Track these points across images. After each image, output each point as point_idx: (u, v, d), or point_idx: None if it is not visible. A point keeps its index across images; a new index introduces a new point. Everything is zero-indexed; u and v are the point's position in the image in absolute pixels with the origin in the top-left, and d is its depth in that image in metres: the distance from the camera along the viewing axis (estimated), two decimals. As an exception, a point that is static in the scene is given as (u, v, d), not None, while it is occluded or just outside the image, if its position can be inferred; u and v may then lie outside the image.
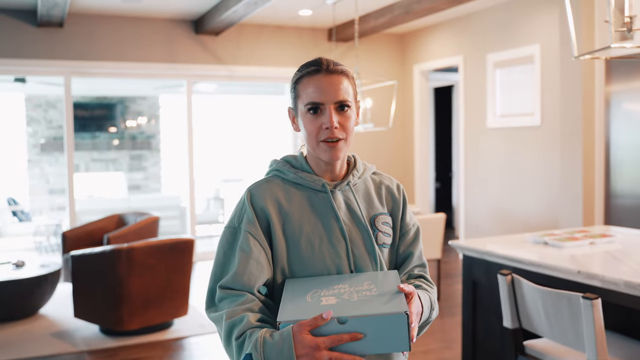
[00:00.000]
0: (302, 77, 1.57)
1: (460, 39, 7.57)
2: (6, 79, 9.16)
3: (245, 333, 1.43)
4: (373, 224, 1.64)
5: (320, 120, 1.54)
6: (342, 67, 1.58)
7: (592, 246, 3.24)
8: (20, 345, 4.76)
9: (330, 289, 1.48)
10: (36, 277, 5.37)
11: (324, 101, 1.53)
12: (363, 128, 6.37)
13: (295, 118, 1.62)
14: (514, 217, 6.77)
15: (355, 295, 1.44)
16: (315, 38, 8.20)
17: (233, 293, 1.51)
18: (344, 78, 1.56)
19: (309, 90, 1.54)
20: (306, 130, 1.56)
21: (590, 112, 5.27)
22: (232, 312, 1.47)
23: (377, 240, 1.63)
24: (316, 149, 1.57)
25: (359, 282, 1.51)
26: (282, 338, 1.36)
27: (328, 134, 1.53)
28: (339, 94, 1.54)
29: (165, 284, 4.92)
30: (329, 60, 1.57)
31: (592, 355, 2.26)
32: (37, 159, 11.94)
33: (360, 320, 1.35)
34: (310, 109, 1.54)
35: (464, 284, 3.48)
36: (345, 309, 1.38)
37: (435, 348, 4.62)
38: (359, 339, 1.35)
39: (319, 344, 1.34)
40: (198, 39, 7.60)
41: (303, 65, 1.59)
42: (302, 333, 1.34)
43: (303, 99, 1.55)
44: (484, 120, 7.19)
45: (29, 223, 10.13)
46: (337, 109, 1.55)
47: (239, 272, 1.52)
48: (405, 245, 1.70)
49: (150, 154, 12.82)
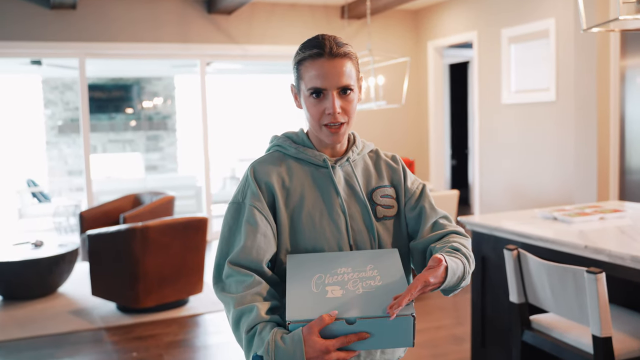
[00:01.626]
0: (304, 59, 1.55)
1: (474, 14, 7.49)
2: (23, 62, 9.23)
3: (255, 327, 1.44)
4: (371, 198, 1.65)
5: (323, 105, 1.54)
6: (345, 48, 1.56)
7: (601, 221, 3.23)
8: (39, 322, 4.86)
9: (334, 273, 1.50)
10: (54, 257, 5.47)
11: (327, 87, 1.53)
12: (376, 105, 6.35)
13: (298, 96, 1.62)
14: (529, 194, 6.74)
15: (360, 286, 1.46)
16: (328, 15, 8.16)
17: (241, 271, 1.51)
18: (347, 61, 1.55)
19: (311, 74, 1.54)
20: (309, 113, 1.57)
21: (605, 87, 5.21)
22: (241, 298, 1.48)
23: (377, 214, 1.63)
24: (319, 132, 1.59)
25: (361, 265, 1.52)
26: (293, 343, 1.37)
27: (330, 119, 1.54)
28: (341, 80, 1.53)
29: (180, 262, 4.98)
30: (331, 42, 1.54)
31: (596, 329, 2.27)
32: (55, 141, 12.06)
33: (368, 321, 1.38)
34: (313, 93, 1.55)
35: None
36: (352, 307, 1.41)
37: (447, 324, 4.65)
38: (366, 338, 1.39)
39: (328, 347, 1.37)
40: (211, 18, 7.60)
41: (305, 45, 1.57)
42: (312, 336, 1.36)
43: (306, 82, 1.55)
44: (499, 96, 7.14)
45: (48, 204, 10.26)
46: (340, 93, 1.55)
47: (247, 246, 1.53)
48: (413, 204, 1.68)
49: (167, 135, 12.89)
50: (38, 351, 4.32)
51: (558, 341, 2.55)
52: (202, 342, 4.50)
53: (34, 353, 4.28)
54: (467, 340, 4.22)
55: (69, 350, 4.33)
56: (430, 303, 5.16)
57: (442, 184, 8.72)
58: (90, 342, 4.48)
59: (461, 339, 4.31)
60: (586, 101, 5.26)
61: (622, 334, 2.46)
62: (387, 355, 1.59)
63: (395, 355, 1.62)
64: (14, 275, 5.35)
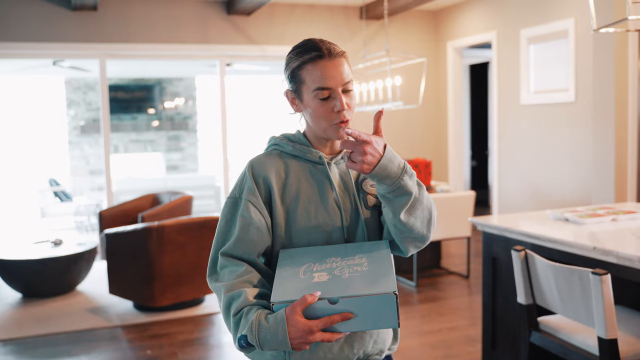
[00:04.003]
0: (304, 63, 1.59)
1: (494, 14, 7.45)
2: (46, 63, 9.37)
3: (242, 310, 1.49)
4: (361, 188, 1.68)
5: (331, 105, 1.58)
6: (340, 48, 1.62)
7: (613, 223, 3.20)
8: (57, 320, 4.93)
9: (323, 262, 1.52)
10: (73, 255, 5.55)
11: (333, 86, 1.58)
12: (393, 106, 6.34)
13: (296, 100, 1.66)
14: (548, 194, 6.68)
15: (347, 271, 1.48)
16: (347, 16, 8.17)
17: (234, 262, 1.57)
18: (344, 59, 1.61)
19: (315, 76, 1.58)
20: (315, 114, 1.61)
21: (624, 87, 5.15)
22: (232, 285, 1.54)
23: (367, 203, 1.67)
24: (326, 130, 1.62)
25: (351, 254, 1.55)
26: (276, 322, 1.41)
27: (340, 117, 1.59)
28: (344, 78, 1.59)
29: (196, 261, 5.02)
30: (326, 44, 1.60)
31: (601, 331, 2.25)
32: (78, 141, 12.21)
33: (350, 300, 1.39)
34: (320, 95, 1.58)
35: (484, 260, 3.48)
36: (336, 288, 1.42)
37: (461, 325, 4.63)
38: (350, 318, 1.40)
39: (312, 328, 1.39)
40: (230, 19, 7.65)
41: (300, 50, 1.61)
42: (295, 316, 1.39)
43: (309, 85, 1.59)
44: (518, 96, 7.09)
45: (70, 203, 10.40)
46: (344, 91, 1.60)
47: (240, 238, 1.58)
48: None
49: (187, 135, 12.98)
50: (55, 348, 4.38)
51: (565, 343, 2.54)
52: (216, 340, 4.53)
53: (51, 350, 4.35)
54: (480, 341, 4.20)
55: (85, 347, 4.39)
56: (444, 304, 5.14)
57: (462, 185, 8.67)
58: (107, 339, 4.54)
59: (475, 340, 4.29)
60: (604, 102, 5.21)
61: (629, 336, 2.44)
62: (378, 345, 1.63)
63: (386, 345, 1.66)
64: (34, 273, 5.44)
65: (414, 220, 1.55)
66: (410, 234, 1.57)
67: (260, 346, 1.43)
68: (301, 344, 1.41)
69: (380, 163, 1.47)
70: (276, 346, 1.42)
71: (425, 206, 1.57)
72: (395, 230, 1.58)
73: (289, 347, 1.41)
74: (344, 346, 1.56)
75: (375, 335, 1.62)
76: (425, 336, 4.42)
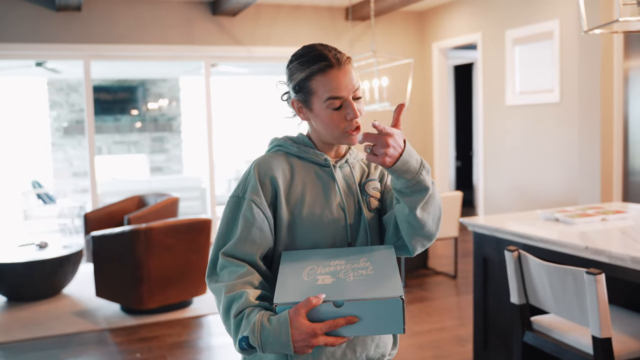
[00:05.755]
0: (313, 74, 1.57)
1: (479, 15, 7.49)
2: (28, 64, 9.27)
3: (243, 311, 1.46)
4: (364, 190, 1.69)
5: (343, 113, 1.58)
6: (345, 54, 1.61)
7: (603, 222, 3.22)
8: (44, 323, 4.88)
9: (326, 265, 1.50)
10: (59, 258, 5.49)
11: (345, 96, 1.57)
12: (380, 107, 6.35)
13: (303, 109, 1.64)
14: (534, 195, 6.73)
15: (352, 274, 1.46)
16: (333, 17, 8.17)
17: (234, 262, 1.54)
18: (350, 67, 1.60)
19: (327, 87, 1.56)
20: (327, 123, 1.60)
21: (609, 89, 5.20)
22: (232, 285, 1.50)
23: (370, 206, 1.68)
24: (339, 138, 1.62)
25: (355, 258, 1.53)
26: (279, 324, 1.38)
27: (353, 124, 1.59)
28: (354, 85, 1.59)
29: (184, 264, 5.00)
30: (331, 51, 1.59)
31: (596, 330, 2.27)
32: (61, 142, 12.10)
33: (356, 304, 1.37)
34: (333, 104, 1.57)
35: (475, 260, 3.49)
36: (341, 291, 1.40)
37: (450, 325, 4.65)
38: (354, 322, 1.38)
39: (315, 330, 1.37)
40: (215, 20, 7.62)
41: (306, 60, 1.59)
42: (299, 318, 1.37)
43: (321, 96, 1.58)
44: (503, 97, 7.14)
45: (53, 205, 10.30)
46: (354, 98, 1.60)
47: (241, 239, 1.55)
48: (389, 188, 1.71)
49: (172, 136, 12.91)
50: (42, 352, 4.34)
51: (558, 342, 2.55)
52: (205, 343, 4.51)
53: (39, 354, 4.30)
54: (470, 341, 4.21)
55: (73, 351, 4.35)
56: (432, 304, 5.16)
57: (447, 185, 8.71)
58: (94, 343, 4.50)
59: (464, 340, 4.31)
60: (590, 102, 5.25)
61: (622, 335, 2.46)
62: (380, 349, 1.62)
63: (388, 348, 1.65)
64: (19, 276, 5.38)
65: (427, 216, 1.54)
66: (421, 231, 1.56)
67: (262, 348, 1.40)
68: (304, 347, 1.38)
69: (402, 157, 1.45)
70: (278, 349, 1.39)
71: (437, 202, 1.56)
72: (408, 226, 1.55)
73: (291, 350, 1.38)
74: (346, 350, 1.55)
75: (377, 338, 1.61)
76: (414, 337, 4.43)
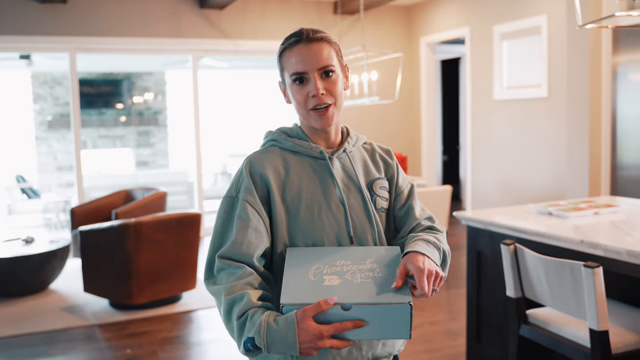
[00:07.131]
0: (284, 50, 1.59)
1: (467, 10, 7.50)
2: (11, 57, 9.15)
3: (246, 313, 1.43)
4: (371, 189, 1.66)
5: (307, 89, 1.56)
6: (323, 34, 1.59)
7: (596, 216, 3.24)
8: (31, 319, 4.83)
9: (332, 265, 1.48)
10: (45, 253, 5.43)
11: (307, 69, 1.55)
12: (369, 101, 6.35)
13: (286, 91, 1.63)
14: (521, 189, 6.76)
15: (358, 276, 1.44)
16: (321, 11, 8.14)
17: (231, 264, 1.51)
18: (325, 44, 1.57)
19: (291, 61, 1.56)
20: (295, 101, 1.58)
21: (597, 84, 5.22)
22: (232, 287, 1.47)
23: (376, 205, 1.64)
24: (307, 118, 1.59)
25: (361, 258, 1.51)
26: (286, 324, 1.36)
27: (316, 101, 1.55)
28: (320, 61, 1.55)
29: (173, 258, 4.96)
30: (308, 30, 1.58)
31: (593, 323, 2.27)
32: (45, 136, 11.98)
33: (364, 308, 1.36)
34: (296, 79, 1.56)
35: (469, 254, 3.50)
36: (349, 294, 1.38)
37: (442, 319, 4.66)
38: (362, 326, 1.37)
39: (322, 332, 1.35)
40: (203, 13, 7.57)
41: (285, 38, 1.61)
42: (306, 320, 1.35)
43: (288, 70, 1.57)
44: (491, 92, 7.16)
45: (38, 200, 10.20)
46: (322, 75, 1.56)
47: (238, 240, 1.52)
48: (402, 203, 1.70)
49: (158, 130, 12.83)
50: (31, 348, 4.29)
51: (555, 335, 2.56)
52: (195, 338, 4.49)
53: (26, 350, 4.26)
54: (461, 335, 4.23)
55: (61, 347, 4.30)
56: (423, 298, 5.16)
57: (434, 180, 8.73)
58: (83, 338, 4.46)
59: (456, 333, 4.32)
60: (578, 97, 5.28)
61: (619, 328, 2.47)
62: (387, 347, 1.60)
63: (395, 347, 1.63)
64: (5, 272, 5.31)
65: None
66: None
67: (267, 349, 1.38)
68: (310, 348, 1.37)
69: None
70: (284, 349, 1.38)
71: (448, 262, 1.65)
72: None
73: (297, 351, 1.37)
74: (352, 349, 1.52)
75: None
76: (406, 331, 4.43)
